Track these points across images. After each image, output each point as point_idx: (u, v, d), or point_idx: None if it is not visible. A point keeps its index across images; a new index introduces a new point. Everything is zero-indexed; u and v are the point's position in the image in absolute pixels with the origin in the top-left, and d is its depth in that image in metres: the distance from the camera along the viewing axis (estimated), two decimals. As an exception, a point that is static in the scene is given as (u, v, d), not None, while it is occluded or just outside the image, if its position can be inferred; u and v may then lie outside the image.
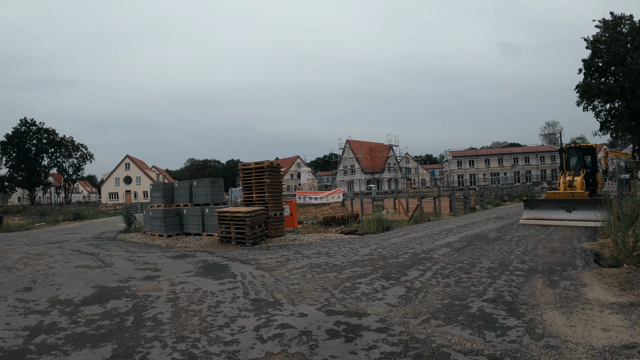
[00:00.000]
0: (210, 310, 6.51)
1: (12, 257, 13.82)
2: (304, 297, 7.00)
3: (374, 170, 79.23)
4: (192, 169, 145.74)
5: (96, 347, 5.16)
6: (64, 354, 5.02)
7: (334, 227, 21.94)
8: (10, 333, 5.89)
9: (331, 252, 11.90)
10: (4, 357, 5.04)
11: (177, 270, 10.08)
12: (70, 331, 5.84)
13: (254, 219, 14.68)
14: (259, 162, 16.69)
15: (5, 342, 5.55)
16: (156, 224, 18.84)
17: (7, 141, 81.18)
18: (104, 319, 6.33)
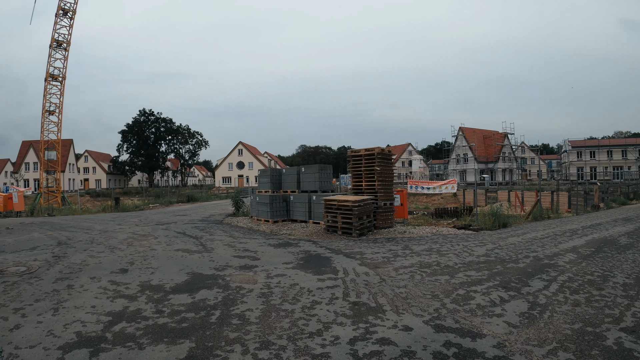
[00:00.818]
0: (303, 311, 5.92)
1: (119, 237, 14.52)
2: (411, 304, 6.22)
3: (487, 160, 74.62)
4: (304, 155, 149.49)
5: (173, 344, 4.84)
6: (138, 347, 4.80)
7: (445, 220, 20.72)
8: (93, 317, 5.88)
9: (443, 249, 10.90)
10: (78, 343, 4.95)
11: (276, 261, 9.71)
12: (152, 321, 5.62)
13: (362, 208, 13.99)
14: (369, 148, 15.96)
15: (85, 326, 5.52)
16: (262, 209, 18.95)
17: (128, 130, 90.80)
18: (190, 310, 6.03)
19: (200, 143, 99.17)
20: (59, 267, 9.52)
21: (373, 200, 15.19)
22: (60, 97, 42.09)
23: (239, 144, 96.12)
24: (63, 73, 41.72)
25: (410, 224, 17.18)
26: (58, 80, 41.56)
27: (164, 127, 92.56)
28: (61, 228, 17.94)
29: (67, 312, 6.14)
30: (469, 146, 76.18)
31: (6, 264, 9.99)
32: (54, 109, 42.16)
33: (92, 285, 7.73)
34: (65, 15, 40.69)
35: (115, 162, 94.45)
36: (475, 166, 69.35)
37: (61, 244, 13.06)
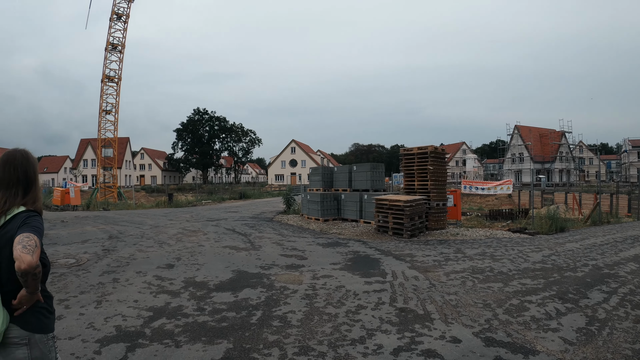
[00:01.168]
0: (347, 316, 5.68)
1: (169, 232, 14.73)
2: (461, 313, 5.83)
3: (544, 160, 71.59)
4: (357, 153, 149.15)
5: (210, 344, 4.75)
6: (175, 345, 4.74)
7: (499, 222, 19.91)
8: (134, 312, 5.90)
9: (497, 254, 10.37)
10: (116, 337, 4.97)
11: (323, 261, 9.51)
12: (192, 319, 5.57)
13: (414, 209, 13.61)
14: (422, 147, 15.54)
15: (126, 320, 5.55)
16: (313, 208, 18.83)
17: (183, 128, 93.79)
18: (231, 310, 5.92)
19: (254, 141, 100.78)
20: (107, 260, 9.70)
21: (425, 201, 14.78)
22: (116, 97, 43.81)
23: (292, 142, 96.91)
24: (118, 74, 43.45)
25: (463, 226, 16.63)
26: (114, 81, 43.28)
27: (218, 125, 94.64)
28: (114, 222, 18.43)
29: (110, 306, 6.20)
30: (524, 145, 73.44)
31: (57, 255, 10.26)
32: (111, 109, 43.89)
33: (137, 280, 7.80)
34: (119, 20, 42.54)
35: (170, 159, 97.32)
36: (531, 166, 66.64)
37: (112, 237, 13.37)
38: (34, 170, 2.57)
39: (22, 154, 2.57)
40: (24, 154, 2.57)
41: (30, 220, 2.30)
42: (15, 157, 2.53)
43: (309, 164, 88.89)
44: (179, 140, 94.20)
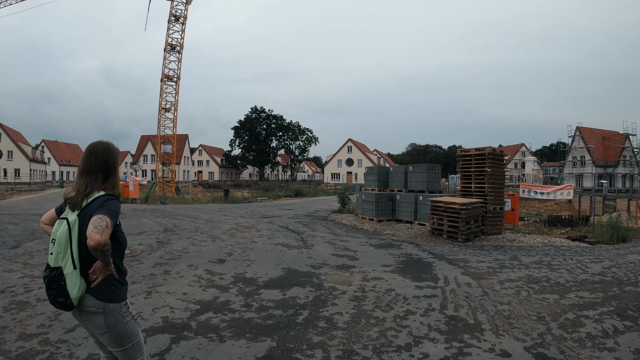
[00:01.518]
0: (395, 321, 5.51)
1: (223, 227, 14.96)
2: (513, 325, 5.50)
3: (606, 164, 67.32)
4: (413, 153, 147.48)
5: (254, 341, 4.74)
6: (219, 339, 4.77)
7: (558, 229, 19.07)
8: (182, 304, 5.99)
9: (554, 263, 9.82)
10: (162, 328, 5.08)
11: (375, 262, 9.34)
12: (238, 315, 5.59)
13: (470, 212, 13.20)
14: (480, 148, 15.02)
15: (173, 312, 5.66)
16: (367, 208, 18.67)
17: (240, 126, 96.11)
18: (278, 307, 5.90)
19: (310, 139, 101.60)
20: (161, 252, 9.93)
21: (482, 204, 14.30)
22: (175, 95, 45.36)
23: (349, 141, 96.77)
24: (177, 74, 44.99)
25: (520, 232, 16.01)
26: (173, 80, 44.82)
27: (275, 123, 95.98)
28: (170, 216, 18.93)
29: (159, 297, 6.33)
30: (586, 148, 69.71)
31: (113, 246, 10.58)
32: (170, 107, 45.47)
33: (188, 273, 7.93)
34: (177, 21, 44.37)
35: (227, 156, 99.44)
36: (593, 170, 63.20)
37: (167, 230, 13.71)
38: (113, 159, 2.90)
39: (104, 145, 2.92)
40: (105, 145, 2.93)
41: (107, 204, 2.65)
42: (97, 147, 2.89)
43: (365, 163, 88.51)
44: (237, 137, 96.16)
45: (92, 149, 2.87)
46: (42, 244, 10.78)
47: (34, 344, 4.57)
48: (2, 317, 5.41)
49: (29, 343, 4.60)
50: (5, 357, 4.31)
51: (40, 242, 11.16)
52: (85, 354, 4.36)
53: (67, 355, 4.35)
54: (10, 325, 5.12)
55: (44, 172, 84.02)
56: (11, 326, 5.09)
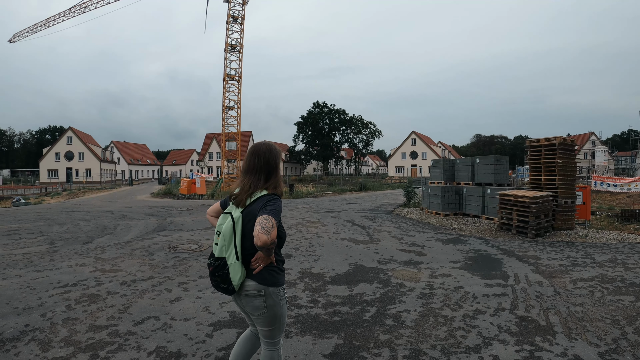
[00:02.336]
0: (464, 320, 5.37)
1: (289, 222, 15.13)
2: (586, 328, 5.21)
3: None
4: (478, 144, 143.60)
5: (320, 337, 4.76)
6: (285, 335, 4.81)
7: (632, 224, 17.93)
8: None
9: (629, 261, 9.16)
10: (229, 323, 5.22)
11: (443, 258, 9.16)
12: (305, 311, 5.63)
13: (540, 206, 12.66)
14: (550, 138, 14.31)
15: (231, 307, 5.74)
16: (434, 201, 18.36)
17: (303, 121, 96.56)
18: (345, 304, 5.89)
19: (374, 133, 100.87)
20: (229, 248, 10.12)
21: (552, 197, 13.69)
22: (238, 94, 46.28)
23: (412, 134, 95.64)
24: (239, 73, 45.93)
25: (593, 227, 15.23)
26: (235, 79, 45.75)
27: (338, 118, 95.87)
28: (238, 211, 19.29)
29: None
30: None
31: (180, 241, 10.98)
32: (233, 105, 46.43)
33: (255, 268, 8.03)
34: (235, 22, 45.28)
35: (291, 151, 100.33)
36: None
37: (235, 225, 13.97)
38: (275, 159, 3.10)
39: (266, 145, 3.13)
40: (267, 145, 3.13)
41: (270, 204, 2.84)
42: (261, 148, 3.09)
43: (430, 156, 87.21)
44: (300, 133, 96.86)
45: (256, 150, 3.08)
46: (113, 239, 11.30)
47: (104, 335, 4.80)
48: (73, 309, 5.71)
49: (99, 334, 4.83)
50: (75, 347, 4.53)
51: (111, 237, 11.70)
52: (153, 346, 4.54)
53: (136, 347, 4.53)
54: (82, 317, 5.40)
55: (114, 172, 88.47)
56: (82, 318, 5.36)
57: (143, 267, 8.13)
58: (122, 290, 6.57)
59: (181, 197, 31.74)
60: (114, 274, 7.54)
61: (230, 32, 45.13)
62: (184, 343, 4.61)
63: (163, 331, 4.93)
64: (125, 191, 44.98)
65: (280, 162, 3.15)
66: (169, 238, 11.54)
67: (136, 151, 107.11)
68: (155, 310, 5.61)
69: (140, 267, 8.07)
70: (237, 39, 45.50)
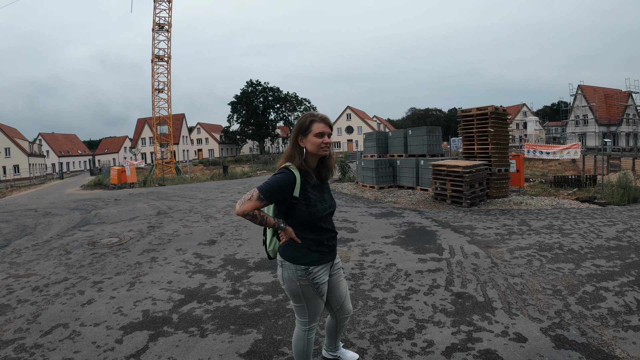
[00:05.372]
0: (396, 302, 5.00)
1: (218, 205, 14.49)
2: (527, 302, 4.97)
3: (609, 122, 66.42)
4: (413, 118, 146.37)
5: (238, 333, 4.30)
6: (200, 334, 4.36)
7: (565, 190, 18.50)
8: (166, 295, 5.58)
9: (565, 227, 9.20)
10: (141, 324, 4.70)
11: (375, 234, 8.82)
12: (224, 303, 5.15)
13: (474, 175, 12.62)
14: (481, 107, 14.33)
15: (155, 304, 5.26)
16: (367, 175, 18.15)
17: (237, 101, 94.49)
18: (268, 292, 5.43)
19: (309, 109, 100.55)
20: (150, 238, 9.47)
21: (486, 166, 13.73)
22: (168, 75, 44.89)
23: (347, 109, 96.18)
24: (168, 53, 44.42)
25: (527, 194, 15.49)
26: (164, 60, 44.26)
27: (272, 96, 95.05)
28: (166, 197, 18.46)
29: (142, 288, 5.89)
30: (589, 106, 68.62)
31: (102, 235, 10.15)
32: (163, 87, 45.01)
33: (175, 259, 7.47)
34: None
35: (226, 132, 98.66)
36: (596, 129, 62.34)
37: (160, 213, 13.23)
38: (295, 132, 3.00)
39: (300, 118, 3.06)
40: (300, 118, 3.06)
41: (270, 178, 2.87)
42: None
43: (365, 130, 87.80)
44: (234, 112, 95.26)
45: None
46: (32, 240, 10.23)
47: (9, 352, 4.19)
48: (-22, 323, 4.96)
49: (4, 351, 4.21)
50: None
51: (29, 238, 10.60)
52: (59, 358, 3.98)
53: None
54: (-12, 332, 4.69)
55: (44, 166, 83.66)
56: (-12, 333, 4.66)
57: (58, 268, 7.32)
58: (34, 297, 5.81)
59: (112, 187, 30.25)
60: (27, 280, 6.72)
61: (157, 10, 43.32)
62: (91, 353, 4.05)
63: (71, 340, 4.34)
64: (55, 185, 42.40)
65: (297, 133, 2.98)
66: (90, 233, 10.61)
67: (66, 142, 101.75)
68: (65, 317, 4.97)
69: (55, 269, 7.25)
70: (166, 17, 43.75)
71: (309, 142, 2.90)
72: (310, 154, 2.93)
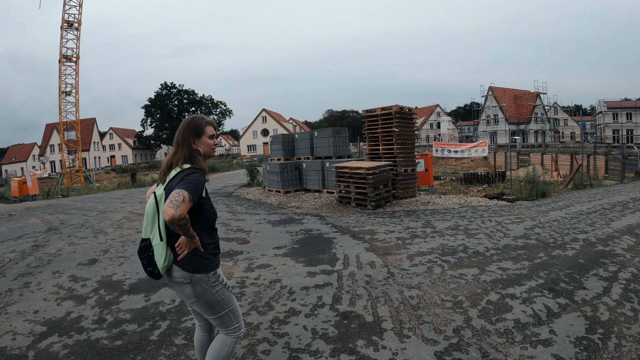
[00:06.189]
0: (272, 328, 4.53)
1: (114, 217, 13.57)
2: (422, 319, 4.52)
3: (519, 121, 71.58)
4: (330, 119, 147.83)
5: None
6: None
7: (475, 187, 19.15)
8: (28, 327, 4.93)
9: (472, 227, 9.21)
10: None
11: (267, 245, 8.40)
12: (86, 335, 4.57)
13: (378, 176, 12.57)
14: (386, 107, 14.36)
15: (15, 340, 4.61)
16: (273, 179, 17.78)
17: (151, 104, 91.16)
18: (134, 320, 4.89)
19: (225, 112, 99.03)
20: (31, 259, 8.55)
21: (391, 167, 13.76)
22: (76, 77, 42.38)
23: (263, 111, 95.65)
24: (77, 53, 41.96)
25: (437, 192, 15.74)
26: (72, 60, 41.85)
27: (187, 98, 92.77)
28: (63, 211, 17.12)
29: (7, 320, 5.18)
30: (499, 107, 73.36)
31: (-20, 257, 9.10)
32: (70, 90, 42.54)
33: (49, 283, 6.72)
34: None
35: (140, 137, 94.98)
36: (506, 127, 66.38)
37: (51, 229, 12.16)
38: (184, 132, 2.83)
39: (189, 118, 2.92)
40: (189, 118, 2.92)
41: (188, 177, 2.61)
42: (183, 121, 2.92)
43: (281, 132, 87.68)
44: (148, 116, 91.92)
45: (181, 123, 2.90)
46: None
47: None
48: None
49: None
50: None
51: None
52: None
53: None
54: None
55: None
56: None
57: None
58: None
59: (13, 200, 27.87)
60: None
61: (67, 7, 40.50)
62: None
63: None
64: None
65: (190, 135, 2.83)
66: (-34, 256, 9.51)
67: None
68: None
69: None
70: (76, 14, 41.15)
71: (202, 144, 2.86)
72: (203, 156, 2.87)
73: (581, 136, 26.57)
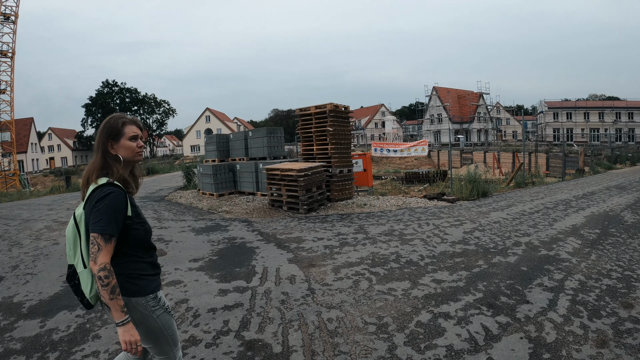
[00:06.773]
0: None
1: (35, 227, 12.71)
2: (338, 349, 3.97)
3: (462, 120, 73.98)
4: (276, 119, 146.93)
5: None
6: None
7: (416, 186, 19.18)
8: None
9: (407, 232, 8.88)
10: None
11: (184, 257, 7.90)
12: (-41, 376, 4.02)
13: (310, 178, 12.27)
14: (320, 105, 13.99)
15: None
16: (206, 181, 17.25)
17: (92, 103, 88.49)
18: (23, 352, 4.38)
19: (168, 112, 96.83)
20: None
21: (325, 168, 13.50)
22: (11, 74, 40.41)
23: (206, 110, 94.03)
24: (12, 48, 39.62)
25: (376, 191, 15.61)
26: (7, 56, 39.73)
27: (129, 97, 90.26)
28: (-18, 218, 16.03)
29: None
30: (443, 106, 75.48)
31: None
32: (5, 87, 40.29)
33: (-60, 307, 6.09)
34: None
35: (80, 137, 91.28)
36: (450, 126, 67.89)
37: (-39, 241, 11.28)
38: (100, 136, 2.45)
39: (107, 118, 2.53)
40: (107, 118, 2.53)
41: (98, 206, 2.20)
42: (102, 123, 2.51)
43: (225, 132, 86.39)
44: (89, 116, 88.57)
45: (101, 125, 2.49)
46: None
47: None
48: None
49: None
50: None
51: None
52: None
53: None
54: None
55: None
56: None
57: None
58: None
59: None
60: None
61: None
62: None
63: None
64: None
65: (105, 139, 2.41)
66: None
67: None
68: None
69: None
70: (13, 6, 38.83)
71: (122, 148, 2.43)
72: (125, 162, 2.44)
73: (523, 135, 27.45)
